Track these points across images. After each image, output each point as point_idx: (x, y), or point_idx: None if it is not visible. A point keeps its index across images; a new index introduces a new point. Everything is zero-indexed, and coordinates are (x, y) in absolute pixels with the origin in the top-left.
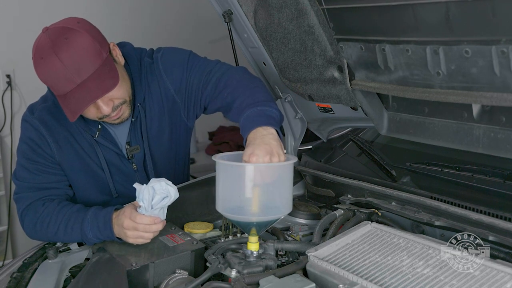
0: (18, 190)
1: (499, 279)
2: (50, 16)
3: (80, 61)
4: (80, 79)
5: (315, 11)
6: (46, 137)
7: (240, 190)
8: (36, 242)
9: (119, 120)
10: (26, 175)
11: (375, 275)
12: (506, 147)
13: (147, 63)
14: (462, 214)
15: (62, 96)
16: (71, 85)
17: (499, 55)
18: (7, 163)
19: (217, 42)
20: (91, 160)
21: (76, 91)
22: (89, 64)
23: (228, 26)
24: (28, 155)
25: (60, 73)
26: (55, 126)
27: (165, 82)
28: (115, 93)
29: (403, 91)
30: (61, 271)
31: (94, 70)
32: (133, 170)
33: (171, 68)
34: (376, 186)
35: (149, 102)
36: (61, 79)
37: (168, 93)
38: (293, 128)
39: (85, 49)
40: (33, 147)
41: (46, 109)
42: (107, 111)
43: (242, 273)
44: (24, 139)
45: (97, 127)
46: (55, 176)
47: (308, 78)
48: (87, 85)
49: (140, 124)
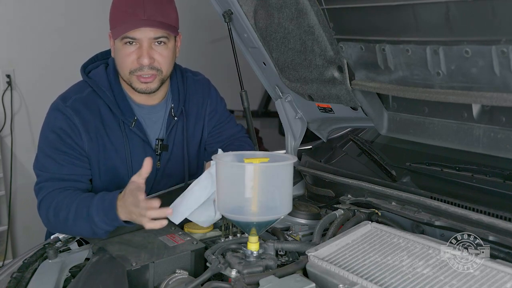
0: (40, 180)
1: (499, 279)
2: (50, 17)
3: (158, 7)
4: (149, 17)
5: (315, 11)
6: (78, 127)
7: (240, 190)
8: (36, 242)
9: (146, 86)
10: (51, 165)
11: (375, 275)
12: (506, 147)
13: (189, 75)
14: (462, 214)
15: (120, 23)
16: (139, 15)
17: (499, 55)
18: (7, 163)
19: (217, 42)
20: (117, 155)
21: (139, 21)
22: (163, 15)
23: (228, 26)
24: (55, 145)
25: (137, 4)
26: (88, 117)
27: (207, 99)
28: (162, 54)
29: (403, 91)
30: (61, 271)
31: (164, 21)
32: (156, 167)
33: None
34: (376, 186)
35: (188, 107)
36: (133, 7)
37: (206, 109)
38: (293, 128)
39: (167, 6)
40: (62, 137)
41: (80, 99)
42: (146, 62)
43: (242, 273)
44: (52, 128)
45: (133, 117)
46: (81, 169)
47: (308, 78)
48: (151, 22)
49: (182, 124)
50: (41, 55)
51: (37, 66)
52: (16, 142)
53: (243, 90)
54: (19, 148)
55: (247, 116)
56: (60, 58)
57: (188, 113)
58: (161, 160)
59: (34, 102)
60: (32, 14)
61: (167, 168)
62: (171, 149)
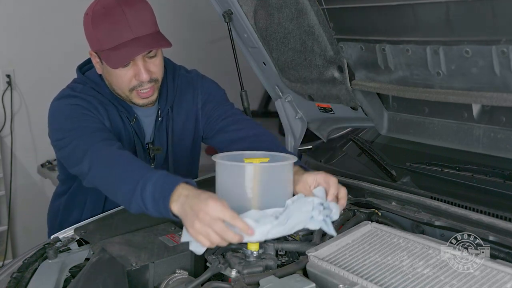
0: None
1: (499, 279)
2: (50, 17)
3: (141, 20)
4: (137, 34)
5: (315, 11)
6: (95, 103)
7: (240, 190)
8: (36, 242)
9: (147, 100)
10: (70, 132)
11: (375, 275)
12: (506, 147)
13: (182, 73)
14: (462, 214)
15: (110, 50)
16: (128, 36)
17: (499, 55)
18: (7, 163)
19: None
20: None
21: (130, 43)
22: (148, 25)
23: (228, 26)
24: (71, 116)
25: (121, 24)
26: (103, 102)
27: (197, 91)
28: (157, 65)
29: (403, 91)
30: (61, 271)
31: (151, 32)
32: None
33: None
34: (376, 186)
35: (177, 107)
36: (119, 30)
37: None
38: (293, 128)
39: (147, 13)
40: (76, 110)
41: (88, 89)
42: (145, 78)
43: (242, 273)
44: (63, 108)
45: (134, 115)
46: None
47: (308, 78)
48: (142, 39)
49: (166, 125)
50: (41, 55)
51: (37, 66)
52: (16, 142)
53: (243, 90)
54: (19, 148)
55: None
56: (60, 58)
57: (176, 113)
58: (156, 162)
59: (34, 102)
60: (32, 14)
61: (163, 169)
62: (166, 150)
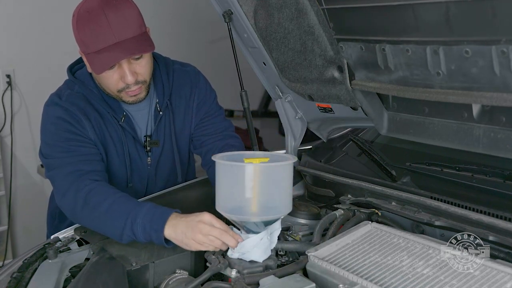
0: (50, 168)
1: (499, 279)
2: (50, 16)
3: (124, 24)
4: (120, 38)
5: (315, 11)
6: (78, 115)
7: (240, 190)
8: (36, 242)
9: (135, 98)
10: (58, 153)
11: (375, 275)
12: (506, 147)
13: (177, 66)
14: (462, 214)
15: (94, 53)
16: (110, 41)
17: (499, 55)
18: (7, 163)
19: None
20: (114, 146)
21: (113, 48)
22: (131, 29)
23: (228, 26)
24: (58, 133)
25: (103, 29)
26: (87, 108)
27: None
28: (143, 66)
29: (403, 91)
30: (61, 271)
31: (134, 35)
32: (147, 163)
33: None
34: (376, 186)
35: (175, 101)
36: (102, 35)
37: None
38: (293, 128)
39: (131, 15)
40: (61, 125)
41: (74, 94)
42: (130, 80)
43: (242, 273)
44: (51, 120)
45: (122, 113)
46: (90, 149)
47: (308, 78)
48: (125, 44)
49: (166, 118)
50: (41, 55)
51: (37, 66)
52: (16, 142)
53: (243, 90)
54: (19, 148)
55: (247, 116)
56: (60, 58)
57: (175, 107)
58: (152, 156)
59: (34, 102)
60: (32, 14)
61: (159, 163)
62: (162, 144)
